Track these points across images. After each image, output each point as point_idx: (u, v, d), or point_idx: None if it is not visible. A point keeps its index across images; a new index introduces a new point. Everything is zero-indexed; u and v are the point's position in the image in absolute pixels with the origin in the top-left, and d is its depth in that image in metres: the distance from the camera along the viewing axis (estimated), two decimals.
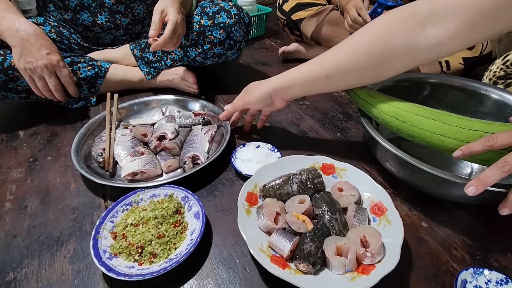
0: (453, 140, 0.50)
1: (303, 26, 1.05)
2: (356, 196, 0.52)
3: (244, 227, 0.46)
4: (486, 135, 0.46)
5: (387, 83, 0.71)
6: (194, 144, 0.68)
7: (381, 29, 0.50)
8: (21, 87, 0.74)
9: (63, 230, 0.53)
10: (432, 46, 0.47)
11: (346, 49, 0.54)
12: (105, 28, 0.87)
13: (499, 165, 0.40)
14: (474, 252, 0.50)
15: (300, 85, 0.59)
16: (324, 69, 0.55)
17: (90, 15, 0.83)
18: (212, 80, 1.01)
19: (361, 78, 0.56)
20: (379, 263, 0.43)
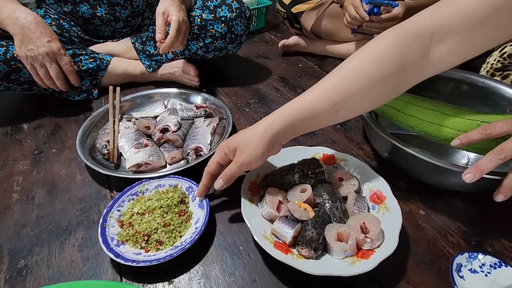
0: (451, 130, 0.51)
1: (303, 19, 1.06)
2: (356, 185, 0.53)
3: (247, 215, 0.48)
4: (483, 124, 0.47)
5: None
6: (197, 136, 0.69)
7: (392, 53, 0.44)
8: (23, 78, 0.74)
9: (71, 219, 0.54)
10: (435, 63, 0.45)
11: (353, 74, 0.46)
12: (104, 21, 0.87)
13: (496, 153, 0.41)
14: (469, 238, 0.52)
15: (303, 124, 0.48)
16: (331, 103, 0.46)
17: (90, 8, 0.83)
18: (213, 73, 1.02)
19: (372, 106, 0.51)
20: (378, 248, 0.45)
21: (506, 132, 0.43)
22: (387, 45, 0.45)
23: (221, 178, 0.49)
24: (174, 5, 0.71)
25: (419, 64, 0.45)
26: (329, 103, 0.46)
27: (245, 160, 0.47)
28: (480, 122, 0.49)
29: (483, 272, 0.46)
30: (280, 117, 0.48)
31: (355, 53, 0.47)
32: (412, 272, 0.47)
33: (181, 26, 0.70)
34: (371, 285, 0.45)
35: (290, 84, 0.97)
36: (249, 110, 0.84)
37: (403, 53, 0.44)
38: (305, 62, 1.11)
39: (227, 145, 0.49)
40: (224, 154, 0.50)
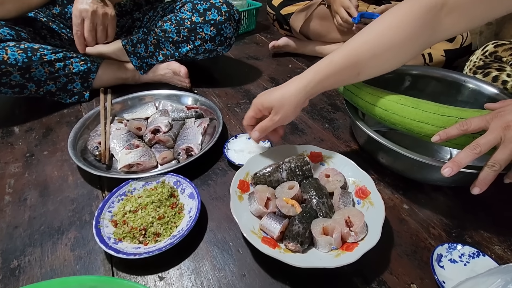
0: (431, 126, 0.53)
1: (292, 21, 1.08)
2: (341, 181, 0.55)
3: (236, 212, 0.49)
4: (461, 120, 0.50)
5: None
6: (188, 136, 0.70)
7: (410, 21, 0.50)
8: (14, 81, 0.75)
9: (63, 220, 0.55)
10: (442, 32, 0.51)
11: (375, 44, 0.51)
12: None
13: (471, 148, 0.44)
14: (450, 230, 0.54)
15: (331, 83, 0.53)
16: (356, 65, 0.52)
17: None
18: (204, 75, 1.03)
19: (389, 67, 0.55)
20: (362, 241, 0.46)
21: (482, 127, 0.46)
22: (405, 14, 0.51)
23: (256, 130, 0.56)
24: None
25: (430, 33, 0.50)
26: (353, 65, 0.52)
27: (281, 118, 0.54)
28: (458, 118, 0.51)
29: (462, 261, 0.48)
30: (312, 78, 0.53)
31: (377, 20, 0.53)
32: (395, 264, 0.48)
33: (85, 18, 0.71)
34: (355, 277, 0.46)
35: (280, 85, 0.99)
36: (239, 111, 0.86)
37: (419, 22, 0.49)
38: (295, 63, 1.13)
39: (261, 103, 0.55)
40: (258, 110, 0.56)
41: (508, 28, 0.98)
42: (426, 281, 0.46)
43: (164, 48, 0.88)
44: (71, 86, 0.84)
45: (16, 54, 0.72)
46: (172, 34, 0.85)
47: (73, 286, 0.33)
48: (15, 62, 0.72)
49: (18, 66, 0.73)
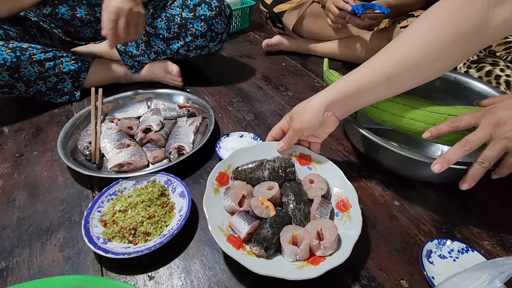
0: (421, 123, 0.54)
1: (285, 19, 1.08)
2: (324, 190, 0.52)
3: (208, 205, 0.48)
4: (450, 117, 0.50)
5: None
6: (179, 135, 0.70)
7: (444, 17, 0.45)
8: (2, 81, 0.74)
9: (52, 220, 0.55)
10: (499, 26, 0.44)
11: (407, 44, 0.47)
12: (85, 22, 0.86)
13: (461, 144, 0.44)
14: (440, 226, 0.54)
15: (355, 94, 0.49)
16: (384, 70, 0.47)
17: (69, 9, 0.83)
18: (197, 73, 1.03)
19: (427, 74, 0.49)
20: (330, 256, 0.44)
21: (472, 124, 0.46)
22: (436, 11, 0.46)
23: (282, 141, 0.57)
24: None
25: (478, 29, 0.44)
26: (382, 73, 0.48)
27: (296, 126, 0.53)
28: (447, 115, 0.51)
29: (452, 257, 0.48)
30: (332, 89, 0.51)
31: (410, 26, 0.48)
32: (385, 260, 0.49)
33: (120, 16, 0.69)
34: (345, 274, 0.47)
35: (273, 83, 0.99)
36: (232, 109, 0.85)
37: (459, 20, 0.44)
38: (289, 61, 1.13)
39: (289, 114, 0.56)
40: (286, 121, 0.57)
41: None
42: (416, 277, 0.46)
43: (155, 46, 0.87)
44: (62, 85, 0.83)
45: (4, 54, 0.71)
46: (162, 30, 0.84)
47: (58, 286, 0.32)
48: (3, 62, 0.71)
49: (6, 66, 0.72)
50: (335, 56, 1.09)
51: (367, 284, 0.46)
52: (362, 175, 0.64)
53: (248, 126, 0.79)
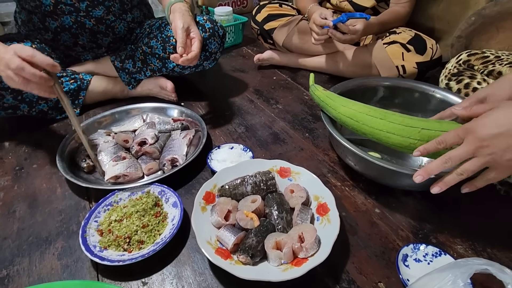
0: (397, 137, 0.58)
1: (275, 35, 1.13)
2: (304, 197, 0.57)
3: (196, 222, 0.52)
4: (424, 131, 0.54)
5: (349, 87, 0.79)
6: (173, 148, 0.73)
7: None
8: (7, 104, 0.77)
9: (51, 230, 0.58)
10: None
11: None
12: (87, 48, 0.91)
13: (443, 161, 0.46)
14: (417, 232, 0.58)
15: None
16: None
17: (71, 36, 0.87)
18: (191, 88, 1.07)
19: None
20: (312, 257, 0.48)
21: (456, 143, 0.48)
22: None
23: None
24: (193, 21, 0.74)
25: None
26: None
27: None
28: (421, 129, 0.55)
29: (426, 260, 0.51)
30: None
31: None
32: (365, 264, 0.52)
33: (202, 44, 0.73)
34: (326, 278, 0.50)
35: (264, 96, 1.03)
36: (224, 122, 0.89)
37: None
38: (279, 75, 1.18)
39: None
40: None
41: (476, 41, 1.04)
42: (393, 280, 0.49)
43: (152, 64, 0.91)
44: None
45: None
46: (158, 50, 0.89)
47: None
48: (7, 86, 0.75)
49: (10, 89, 0.75)
50: (323, 69, 1.14)
51: (347, 287, 0.49)
52: (346, 184, 0.68)
53: (239, 138, 0.83)
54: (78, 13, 0.83)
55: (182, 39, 0.70)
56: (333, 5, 1.15)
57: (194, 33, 0.72)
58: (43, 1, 0.79)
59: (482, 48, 1.03)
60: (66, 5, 0.81)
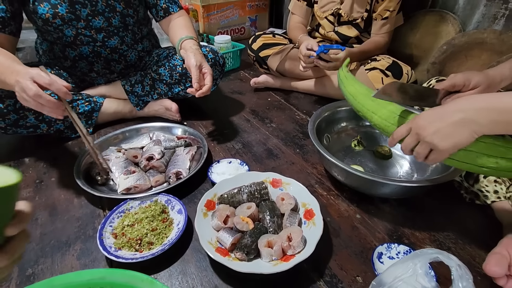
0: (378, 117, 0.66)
1: (269, 62, 1.25)
2: (292, 204, 0.65)
3: (199, 226, 0.60)
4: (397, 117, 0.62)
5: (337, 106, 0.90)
6: (178, 162, 0.82)
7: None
8: (29, 123, 0.87)
9: (70, 235, 0.65)
10: None
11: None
12: (100, 74, 1.02)
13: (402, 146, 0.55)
14: (392, 234, 0.66)
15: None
16: None
17: (88, 64, 0.98)
18: (193, 108, 1.18)
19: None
20: (299, 253, 0.56)
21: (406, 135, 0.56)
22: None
23: None
24: (204, 59, 0.86)
25: None
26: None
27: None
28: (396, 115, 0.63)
29: (398, 258, 0.59)
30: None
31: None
32: (346, 261, 0.60)
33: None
34: (312, 272, 0.57)
35: (259, 116, 1.13)
36: (223, 139, 0.99)
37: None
38: (274, 96, 1.29)
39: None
40: None
41: (448, 67, 1.17)
42: (369, 274, 0.57)
43: (159, 88, 1.02)
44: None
45: None
46: (165, 77, 1.00)
47: (86, 276, 0.43)
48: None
49: (33, 111, 0.85)
50: (312, 92, 1.26)
51: (330, 280, 0.56)
52: (331, 194, 0.77)
53: (236, 154, 0.92)
54: (95, 43, 0.95)
55: (196, 75, 0.82)
56: (321, 35, 1.29)
57: (205, 69, 0.84)
58: (65, 32, 0.90)
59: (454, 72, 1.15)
60: (85, 36, 0.93)
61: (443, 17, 1.23)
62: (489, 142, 0.50)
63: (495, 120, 0.46)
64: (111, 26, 0.94)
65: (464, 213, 0.71)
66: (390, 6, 1.10)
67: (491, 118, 0.46)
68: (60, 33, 0.90)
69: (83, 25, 0.89)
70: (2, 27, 0.79)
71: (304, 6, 1.25)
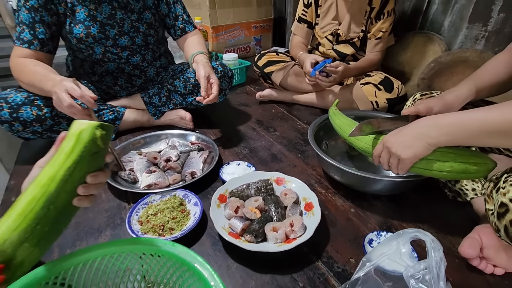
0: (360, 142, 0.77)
1: (273, 77, 1.38)
2: (294, 198, 0.75)
3: (214, 215, 0.69)
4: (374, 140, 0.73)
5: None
6: (192, 164, 0.93)
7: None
8: (62, 129, 0.99)
9: (101, 223, 0.75)
10: None
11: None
12: (123, 87, 1.15)
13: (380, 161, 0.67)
14: (382, 224, 0.75)
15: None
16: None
17: (113, 79, 1.11)
18: (205, 118, 1.29)
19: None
20: (300, 237, 0.65)
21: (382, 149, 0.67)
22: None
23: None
24: (212, 71, 0.98)
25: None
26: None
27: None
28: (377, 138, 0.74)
29: None
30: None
31: None
32: (341, 246, 0.68)
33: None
34: (311, 255, 0.66)
35: (264, 125, 1.25)
36: (231, 145, 1.09)
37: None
38: (277, 108, 1.41)
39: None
40: None
41: (436, 82, 1.28)
42: (361, 256, 0.64)
43: (174, 99, 1.14)
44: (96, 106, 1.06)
45: None
46: (180, 88, 1.12)
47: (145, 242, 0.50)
48: (63, 114, 0.97)
49: (66, 118, 0.97)
50: (313, 104, 1.37)
51: (326, 261, 0.65)
52: (329, 191, 0.86)
53: (244, 158, 1.02)
54: (120, 60, 1.08)
55: (205, 85, 0.93)
56: (321, 52, 1.42)
57: (213, 79, 0.96)
58: (95, 50, 1.03)
59: (442, 88, 1.27)
60: (112, 54, 1.06)
61: (431, 38, 1.36)
62: (442, 151, 0.61)
63: (443, 132, 0.57)
64: (134, 45, 1.07)
65: (447, 209, 0.80)
66: (383, 27, 1.24)
67: (439, 132, 0.57)
68: (91, 50, 1.03)
69: (111, 43, 1.03)
70: (42, 46, 0.92)
71: (305, 28, 1.39)
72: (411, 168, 0.64)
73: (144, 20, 1.05)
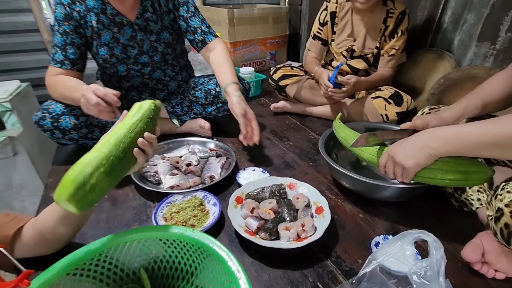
0: (365, 153, 0.82)
1: (288, 90, 1.46)
2: (306, 201, 0.81)
3: (231, 214, 0.75)
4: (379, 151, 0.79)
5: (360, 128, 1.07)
6: (211, 168, 1.00)
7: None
8: (95, 136, 1.09)
9: (129, 219, 0.83)
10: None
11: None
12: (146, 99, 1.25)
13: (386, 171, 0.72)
14: (389, 230, 0.79)
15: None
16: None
17: (138, 92, 1.21)
18: (222, 127, 1.37)
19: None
20: (310, 237, 0.70)
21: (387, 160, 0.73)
22: None
23: None
24: (247, 105, 1.01)
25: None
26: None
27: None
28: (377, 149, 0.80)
29: None
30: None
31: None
32: (349, 247, 0.73)
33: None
34: (321, 254, 0.71)
35: (278, 135, 1.31)
36: (247, 153, 1.17)
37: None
38: (291, 120, 1.48)
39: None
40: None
41: (446, 97, 1.33)
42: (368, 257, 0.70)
43: (195, 109, 1.23)
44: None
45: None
46: (201, 99, 1.21)
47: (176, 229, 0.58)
48: (96, 123, 1.07)
49: (99, 126, 1.08)
50: (325, 116, 1.44)
51: (335, 260, 0.70)
52: (339, 198, 0.91)
53: (259, 164, 1.09)
54: (143, 76, 1.18)
55: (244, 124, 1.00)
56: (333, 67, 1.49)
57: (250, 115, 1.02)
58: (118, 68, 1.13)
59: (451, 102, 1.30)
60: (135, 71, 1.15)
61: (441, 55, 1.41)
62: (444, 160, 0.66)
63: (443, 143, 0.62)
64: (153, 62, 1.16)
65: (453, 217, 0.83)
66: (396, 45, 1.30)
67: (440, 143, 0.62)
68: (115, 69, 1.12)
69: (132, 61, 1.12)
70: (72, 65, 1.03)
71: (319, 45, 1.47)
72: (415, 177, 0.69)
73: (162, 40, 1.14)
